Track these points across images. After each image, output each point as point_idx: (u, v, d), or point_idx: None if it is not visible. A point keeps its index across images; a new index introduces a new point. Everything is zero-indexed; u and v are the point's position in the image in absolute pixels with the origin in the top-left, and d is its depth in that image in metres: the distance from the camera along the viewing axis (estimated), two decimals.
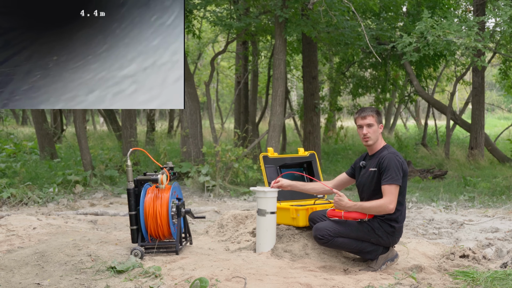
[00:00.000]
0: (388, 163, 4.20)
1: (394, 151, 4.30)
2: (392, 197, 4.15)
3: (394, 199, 4.15)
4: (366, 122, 4.30)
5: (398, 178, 4.17)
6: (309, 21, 9.88)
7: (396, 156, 4.24)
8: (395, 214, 4.23)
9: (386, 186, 4.15)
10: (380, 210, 4.17)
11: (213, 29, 14.47)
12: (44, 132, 12.16)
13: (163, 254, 4.43)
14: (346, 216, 4.24)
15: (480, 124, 12.91)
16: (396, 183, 4.15)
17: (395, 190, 4.16)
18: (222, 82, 24.88)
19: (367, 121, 4.30)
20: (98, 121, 28.92)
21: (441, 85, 19.94)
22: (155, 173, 4.53)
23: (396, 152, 4.32)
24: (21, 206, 7.71)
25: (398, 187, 4.18)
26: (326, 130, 19.59)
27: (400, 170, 4.20)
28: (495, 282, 3.78)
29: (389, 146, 4.38)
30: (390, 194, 4.14)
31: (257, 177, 9.32)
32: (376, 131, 4.32)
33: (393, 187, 4.16)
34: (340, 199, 4.24)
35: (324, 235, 4.19)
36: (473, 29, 8.46)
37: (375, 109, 4.37)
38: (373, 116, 4.31)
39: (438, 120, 21.18)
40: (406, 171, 4.27)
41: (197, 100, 10.85)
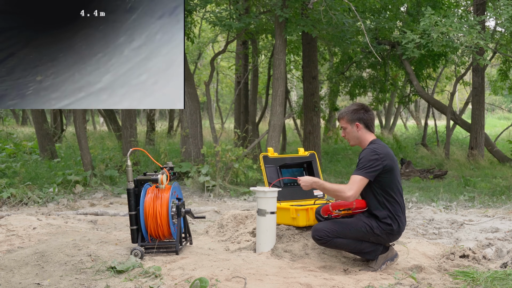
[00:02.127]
0: (362, 155, 4.15)
1: (375, 146, 4.17)
2: (353, 186, 4.05)
3: (354, 188, 4.05)
4: (341, 126, 4.34)
5: (366, 171, 4.06)
6: (309, 20, 9.88)
7: (373, 150, 4.12)
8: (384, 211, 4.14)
9: (352, 175, 4.11)
10: (337, 194, 4.11)
11: (213, 29, 14.47)
12: (44, 132, 12.15)
13: (163, 254, 4.43)
14: (334, 206, 4.20)
15: (480, 124, 12.92)
16: (361, 174, 4.06)
17: (359, 181, 4.06)
18: (221, 82, 24.88)
19: (341, 124, 4.33)
20: (98, 121, 28.93)
21: (441, 85, 19.94)
22: (155, 173, 4.53)
23: (379, 146, 4.17)
24: (21, 206, 7.71)
25: (364, 179, 4.07)
26: (326, 130, 19.60)
27: (372, 163, 4.07)
28: (495, 282, 3.78)
29: (376, 141, 4.24)
30: (353, 183, 4.06)
31: (257, 177, 9.32)
32: (352, 132, 4.26)
33: (357, 178, 4.07)
34: (302, 179, 4.27)
35: (322, 235, 4.17)
36: (475, 28, 8.46)
37: (349, 110, 4.28)
38: (344, 118, 4.28)
39: (438, 120, 21.18)
40: (387, 167, 4.11)
41: (197, 100, 10.85)
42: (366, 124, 4.26)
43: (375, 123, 4.46)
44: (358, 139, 4.28)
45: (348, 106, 4.41)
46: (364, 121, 4.26)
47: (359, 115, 4.26)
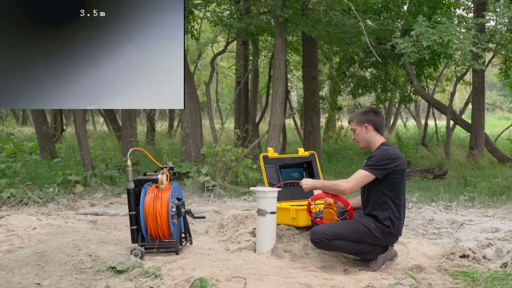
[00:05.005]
0: (375, 154, 4.17)
1: (388, 147, 4.19)
2: (352, 180, 4.10)
3: (353, 181, 4.09)
4: (351, 128, 4.36)
5: (374, 168, 4.09)
6: (309, 20, 9.88)
7: (386, 150, 4.15)
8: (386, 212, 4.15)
9: (358, 170, 4.16)
10: (335, 188, 4.15)
11: (213, 29, 14.47)
12: (44, 132, 12.15)
13: (163, 254, 4.43)
14: (312, 199, 4.32)
15: (480, 124, 12.91)
16: (368, 170, 4.09)
17: (362, 176, 4.10)
18: (221, 82, 24.87)
19: (351, 127, 4.36)
20: (98, 121, 28.92)
21: (441, 85, 19.94)
22: (155, 173, 4.53)
23: (392, 148, 4.20)
24: (21, 206, 7.71)
25: (370, 176, 4.09)
26: (326, 130, 19.59)
27: (384, 162, 4.10)
28: (495, 282, 3.78)
29: (387, 143, 4.28)
30: (354, 177, 4.11)
31: (257, 177, 9.32)
32: (361, 133, 4.29)
33: (361, 173, 4.11)
34: (304, 181, 4.35)
35: (321, 238, 4.16)
36: (470, 32, 8.46)
37: (359, 112, 4.33)
38: (353, 121, 4.32)
39: (438, 120, 21.18)
40: (399, 167, 4.14)
41: (197, 100, 10.85)
42: (376, 126, 4.28)
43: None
44: (367, 142, 4.30)
45: (358, 109, 4.44)
46: (373, 123, 4.28)
47: (369, 117, 4.28)
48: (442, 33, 8.37)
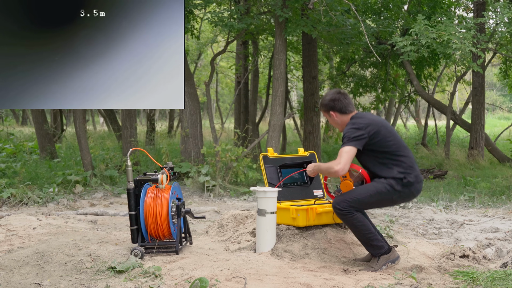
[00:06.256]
0: (344, 131, 4.22)
1: (353, 121, 4.23)
2: (340, 159, 4.08)
3: (342, 161, 4.07)
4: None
5: (350, 141, 4.11)
6: (309, 20, 9.88)
7: (352, 123, 4.19)
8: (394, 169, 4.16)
9: (339, 150, 4.18)
10: (329, 171, 4.17)
11: (213, 29, 14.47)
12: (44, 132, 12.15)
13: (163, 254, 4.43)
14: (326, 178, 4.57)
15: (480, 124, 12.91)
16: (347, 145, 4.11)
17: (346, 152, 4.09)
18: (221, 82, 24.87)
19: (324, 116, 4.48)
20: (98, 121, 28.93)
21: (441, 85, 19.93)
22: (155, 173, 4.53)
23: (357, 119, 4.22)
24: (21, 206, 7.71)
25: (352, 149, 4.10)
26: (326, 130, 19.59)
27: (354, 134, 4.12)
28: (495, 282, 3.78)
29: (355, 116, 4.30)
30: (339, 156, 4.11)
31: (257, 177, 9.32)
32: (332, 120, 4.38)
33: (343, 149, 4.11)
34: (308, 167, 4.43)
35: (345, 206, 4.16)
36: (469, 32, 8.46)
37: (321, 103, 4.40)
38: (321, 110, 4.43)
39: (438, 120, 21.16)
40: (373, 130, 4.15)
41: (197, 100, 10.85)
42: (341, 110, 4.34)
43: (352, 102, 4.47)
44: (340, 125, 4.38)
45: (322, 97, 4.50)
46: (336, 109, 4.34)
47: (329, 105, 4.36)
48: (441, 32, 8.38)
